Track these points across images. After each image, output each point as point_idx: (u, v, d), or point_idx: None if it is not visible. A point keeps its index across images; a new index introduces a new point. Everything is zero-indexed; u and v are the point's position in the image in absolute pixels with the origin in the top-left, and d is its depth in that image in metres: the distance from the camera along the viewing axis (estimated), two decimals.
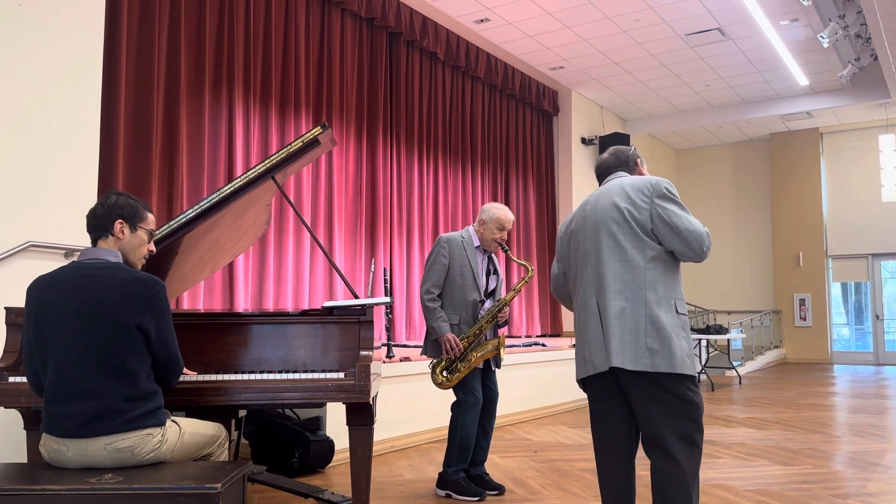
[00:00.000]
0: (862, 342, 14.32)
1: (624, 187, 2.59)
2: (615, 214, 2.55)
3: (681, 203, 2.54)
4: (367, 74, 7.97)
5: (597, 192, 2.70)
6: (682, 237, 2.47)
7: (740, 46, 9.64)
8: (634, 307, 2.46)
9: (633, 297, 2.47)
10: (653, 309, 2.45)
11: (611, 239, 2.54)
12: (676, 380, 2.43)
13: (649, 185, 2.55)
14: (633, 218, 2.52)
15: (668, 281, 2.50)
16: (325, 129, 3.19)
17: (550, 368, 7.38)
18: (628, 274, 2.49)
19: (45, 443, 2.32)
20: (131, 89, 5.56)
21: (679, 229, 2.47)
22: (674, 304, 2.49)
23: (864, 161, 13.85)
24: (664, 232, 2.49)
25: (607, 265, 2.53)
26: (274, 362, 2.95)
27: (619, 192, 2.59)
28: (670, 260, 2.53)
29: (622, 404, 2.55)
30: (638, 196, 2.54)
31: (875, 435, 5.79)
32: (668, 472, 2.43)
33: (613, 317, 2.48)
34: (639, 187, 2.56)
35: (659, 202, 2.51)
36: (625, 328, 2.45)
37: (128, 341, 2.30)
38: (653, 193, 2.53)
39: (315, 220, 7.18)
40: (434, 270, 3.93)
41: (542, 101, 10.94)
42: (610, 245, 2.54)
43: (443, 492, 3.92)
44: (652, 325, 2.43)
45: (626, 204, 2.54)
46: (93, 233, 2.46)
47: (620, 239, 2.53)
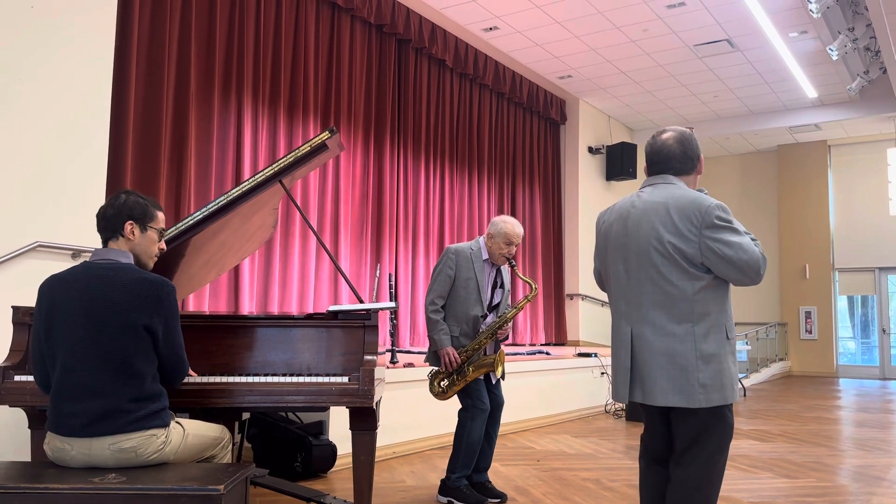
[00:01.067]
0: (868, 356, 14.24)
1: (670, 212, 2.40)
2: (659, 247, 2.40)
3: (733, 227, 2.38)
4: (375, 81, 8.01)
5: (640, 203, 2.49)
6: (737, 267, 2.34)
7: (749, 58, 9.65)
8: (682, 341, 2.37)
9: (681, 332, 2.37)
10: (701, 342, 2.36)
11: (654, 270, 2.41)
12: (725, 409, 2.44)
13: (698, 213, 2.36)
14: (679, 253, 2.37)
15: (718, 306, 2.40)
16: (333, 133, 3.20)
17: (554, 377, 7.36)
18: (674, 307, 2.38)
19: (50, 441, 2.33)
20: (141, 92, 5.59)
21: (733, 261, 2.33)
22: (724, 330, 2.41)
23: (872, 174, 13.81)
24: (716, 264, 2.35)
25: (649, 297, 2.42)
26: (278, 365, 2.95)
27: (664, 219, 2.40)
28: (720, 283, 2.42)
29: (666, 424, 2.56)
30: (685, 227, 2.37)
31: (880, 449, 5.76)
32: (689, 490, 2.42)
33: (660, 354, 2.39)
34: (686, 215, 2.37)
35: (709, 234, 2.35)
36: (674, 365, 2.37)
37: (135, 342, 2.31)
38: (702, 225, 2.35)
39: (321, 224, 7.20)
40: (439, 282, 3.93)
41: (550, 110, 10.95)
42: (654, 277, 2.41)
43: (444, 499, 3.91)
44: (702, 359, 2.36)
45: (671, 237, 2.38)
46: (103, 233, 2.47)
47: (664, 271, 2.39)
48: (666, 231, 2.39)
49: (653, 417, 2.59)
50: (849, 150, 14.08)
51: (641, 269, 2.44)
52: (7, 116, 4.27)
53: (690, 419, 2.42)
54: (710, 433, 2.42)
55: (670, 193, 2.45)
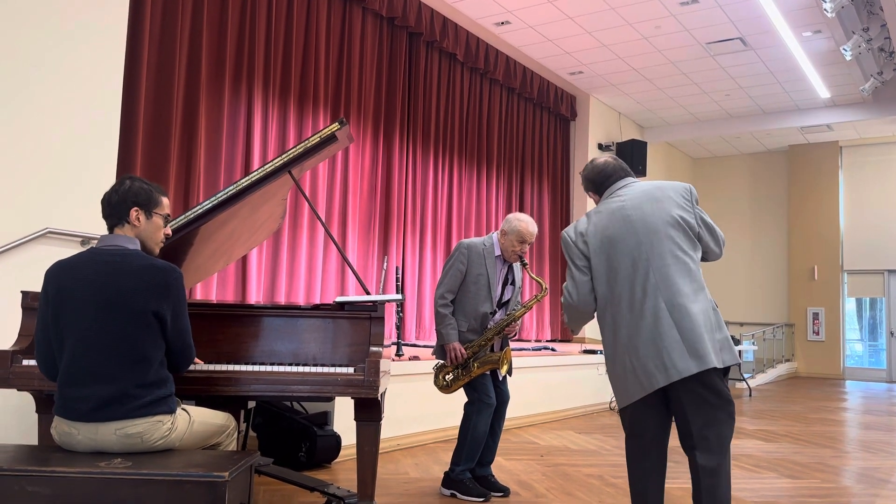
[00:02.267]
0: (875, 358, 14.18)
1: (667, 192, 2.66)
2: (671, 221, 2.61)
3: None
4: (385, 73, 8.00)
5: (630, 197, 2.67)
6: (716, 237, 2.67)
7: (761, 57, 9.59)
8: (706, 305, 2.55)
9: (702, 297, 2.56)
10: (712, 307, 2.58)
11: (672, 243, 2.58)
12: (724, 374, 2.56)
13: (687, 190, 2.69)
14: (686, 224, 2.62)
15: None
16: (342, 125, 3.21)
17: (559, 373, 7.37)
18: (692, 278, 2.57)
19: (57, 425, 2.35)
20: (152, 81, 5.61)
21: (714, 230, 2.68)
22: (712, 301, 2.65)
23: (884, 176, 13.72)
24: (706, 234, 2.65)
25: (674, 269, 2.56)
26: (284, 355, 2.96)
27: (665, 198, 2.64)
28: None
29: (663, 411, 2.63)
30: (684, 201, 2.65)
31: (886, 452, 5.74)
32: (717, 473, 2.51)
33: (699, 316, 2.51)
34: (680, 192, 2.67)
35: (698, 207, 2.69)
36: (709, 328, 2.52)
37: (143, 328, 2.32)
38: (692, 198, 2.68)
39: (329, 216, 7.21)
40: (450, 276, 3.92)
41: (560, 106, 10.92)
42: (673, 250, 2.58)
43: (448, 491, 3.92)
44: (717, 322, 2.56)
45: (678, 210, 2.63)
46: (108, 220, 2.48)
47: (680, 242, 2.59)
48: (673, 206, 2.63)
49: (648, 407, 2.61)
50: (860, 151, 13.99)
51: (661, 244, 2.58)
52: (18, 104, 4.29)
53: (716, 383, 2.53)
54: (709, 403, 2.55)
55: (649, 183, 2.73)
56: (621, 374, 2.61)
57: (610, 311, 2.64)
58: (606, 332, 2.69)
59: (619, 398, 2.67)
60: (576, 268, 2.71)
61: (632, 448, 2.72)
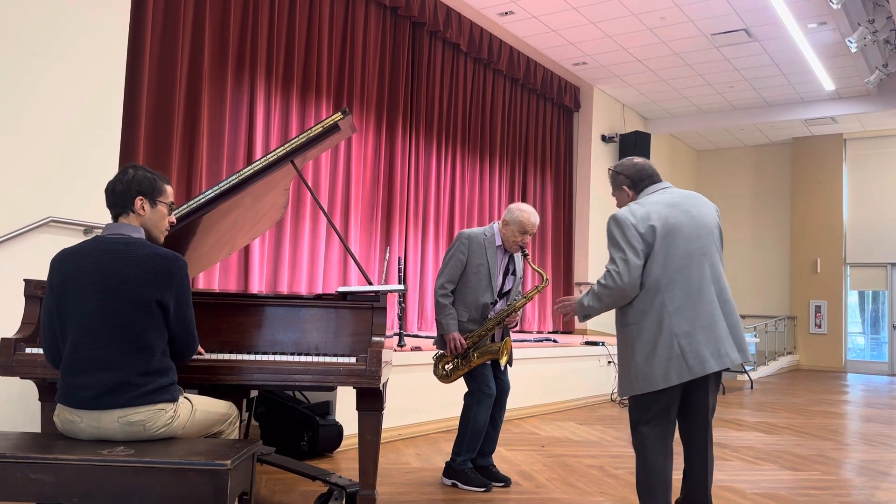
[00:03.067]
0: (877, 352, 14.17)
1: (708, 203, 2.94)
2: (714, 229, 2.87)
3: None
4: (388, 63, 7.98)
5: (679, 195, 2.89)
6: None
7: (766, 48, 9.55)
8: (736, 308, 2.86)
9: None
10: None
11: (717, 246, 2.86)
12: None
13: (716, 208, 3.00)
14: (721, 234, 2.93)
15: None
16: (345, 115, 3.20)
17: (561, 365, 7.38)
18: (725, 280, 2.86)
19: (60, 413, 2.35)
20: (154, 70, 5.60)
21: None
22: None
23: (888, 169, 13.68)
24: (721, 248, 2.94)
25: (721, 268, 2.84)
26: (287, 344, 2.96)
27: (708, 206, 2.92)
28: None
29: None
30: (717, 216, 2.94)
31: (886, 444, 5.74)
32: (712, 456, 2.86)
33: (738, 316, 2.81)
34: (713, 207, 2.96)
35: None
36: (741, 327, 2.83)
37: (146, 316, 2.32)
38: (718, 213, 2.97)
39: (332, 207, 7.21)
40: (450, 266, 3.92)
41: (564, 97, 10.89)
42: (719, 251, 2.87)
43: (449, 481, 3.94)
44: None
45: (717, 219, 2.92)
46: (113, 209, 2.48)
47: (720, 248, 2.89)
48: (714, 215, 2.91)
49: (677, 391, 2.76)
50: (865, 144, 13.93)
51: (713, 243, 2.83)
52: (22, 93, 4.28)
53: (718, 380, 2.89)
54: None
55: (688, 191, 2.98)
56: (664, 357, 2.66)
57: (661, 296, 2.70)
58: (650, 317, 2.71)
59: (651, 382, 2.68)
60: (632, 251, 2.72)
61: (654, 432, 2.74)
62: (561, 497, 3.79)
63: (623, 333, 2.81)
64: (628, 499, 3.78)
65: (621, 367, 2.84)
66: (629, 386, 2.76)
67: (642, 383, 2.70)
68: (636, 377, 2.72)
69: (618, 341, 2.88)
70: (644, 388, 2.70)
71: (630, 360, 2.75)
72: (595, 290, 2.81)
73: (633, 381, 2.74)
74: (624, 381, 2.80)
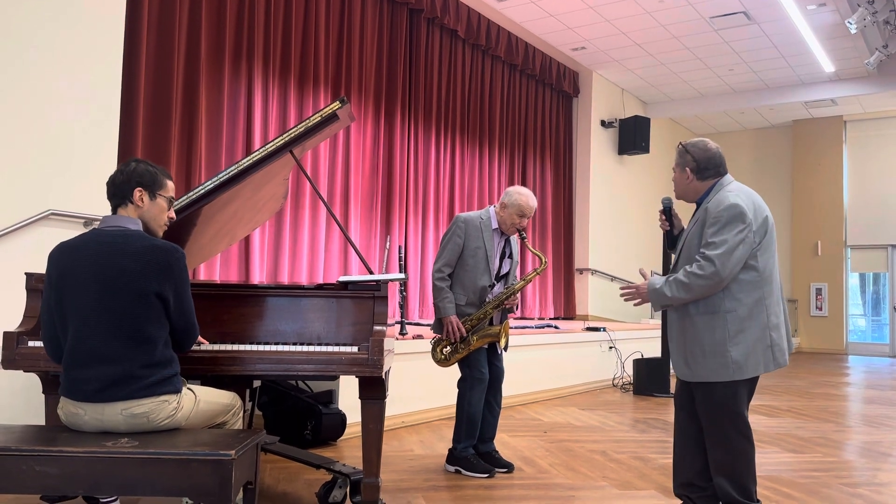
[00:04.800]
0: (878, 333, 14.19)
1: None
2: None
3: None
4: (386, 51, 7.94)
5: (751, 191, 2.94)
6: None
7: (765, 31, 9.50)
8: None
9: None
10: None
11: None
12: None
13: None
14: None
15: None
16: (343, 103, 3.19)
17: (562, 350, 7.39)
18: None
19: (63, 406, 2.36)
20: (152, 61, 5.58)
21: None
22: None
23: (888, 150, 13.64)
24: None
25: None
26: (289, 334, 2.97)
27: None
28: None
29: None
30: None
31: (888, 426, 5.76)
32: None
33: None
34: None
35: None
36: None
37: (146, 309, 2.32)
38: None
39: (331, 196, 7.20)
40: (448, 250, 3.92)
41: (563, 83, 10.85)
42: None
43: (452, 468, 3.96)
44: None
45: None
46: (112, 200, 2.48)
47: None
48: None
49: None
50: (865, 125, 13.88)
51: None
52: (20, 86, 4.27)
53: None
54: None
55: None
56: (761, 348, 2.80)
57: (762, 288, 2.82)
58: (752, 307, 2.79)
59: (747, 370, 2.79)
60: (744, 244, 2.76)
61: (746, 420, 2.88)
62: (563, 482, 3.81)
63: (712, 320, 2.80)
64: (631, 483, 3.80)
65: (701, 353, 2.82)
66: (721, 372, 2.79)
67: (739, 370, 2.78)
68: (729, 364, 2.78)
69: (697, 325, 2.84)
70: (740, 374, 2.78)
71: (722, 348, 2.78)
72: (683, 280, 2.77)
73: (728, 367, 2.78)
74: (710, 367, 2.81)
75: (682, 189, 3.01)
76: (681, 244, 2.98)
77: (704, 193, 2.93)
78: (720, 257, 2.71)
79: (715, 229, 2.76)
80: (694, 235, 2.89)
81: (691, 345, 2.85)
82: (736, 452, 2.83)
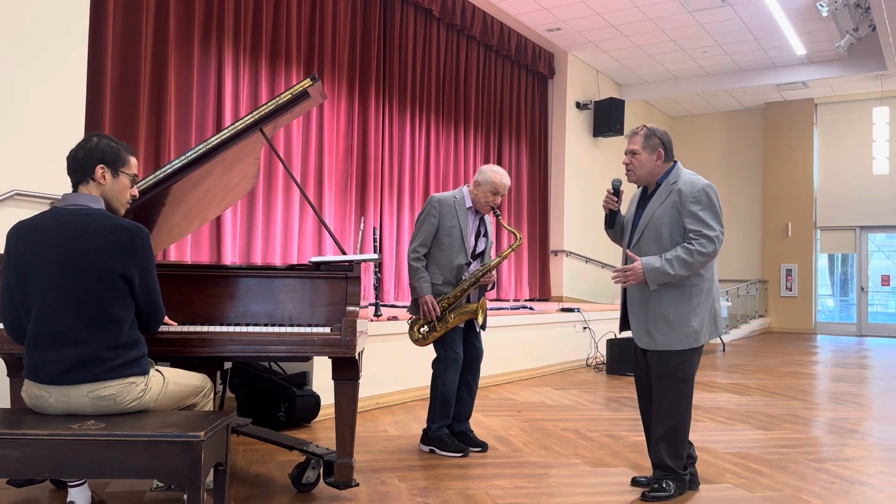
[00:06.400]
0: (846, 313, 14.48)
1: None
2: None
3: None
4: (360, 30, 7.85)
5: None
6: None
7: (739, 13, 9.54)
8: None
9: None
10: None
11: None
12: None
13: None
14: None
15: None
16: (314, 81, 3.14)
17: (537, 331, 7.43)
18: None
19: (28, 389, 2.31)
20: (118, 38, 5.45)
21: None
22: None
23: (857, 133, 13.83)
24: None
25: None
26: (260, 315, 2.94)
27: None
28: None
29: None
30: None
31: (854, 403, 5.89)
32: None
33: None
34: None
35: None
36: None
37: (111, 290, 2.27)
38: None
39: (305, 177, 7.13)
40: (423, 230, 3.92)
41: (538, 64, 10.81)
42: None
43: (426, 447, 3.97)
44: None
45: None
46: (73, 176, 2.40)
47: None
48: None
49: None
50: (835, 108, 14.06)
51: None
52: None
53: None
54: None
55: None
56: (709, 318, 3.10)
57: (713, 266, 3.14)
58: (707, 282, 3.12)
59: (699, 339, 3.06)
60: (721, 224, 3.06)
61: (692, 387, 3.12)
62: (537, 460, 3.83)
63: (679, 293, 3.07)
64: (602, 460, 3.84)
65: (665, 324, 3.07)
66: (683, 341, 3.05)
67: (696, 339, 3.06)
68: (690, 334, 3.05)
69: (662, 298, 3.07)
70: (696, 343, 3.06)
71: (686, 319, 3.06)
72: (685, 258, 3.00)
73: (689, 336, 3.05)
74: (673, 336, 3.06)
75: (647, 171, 3.19)
76: (644, 222, 3.16)
77: (663, 175, 3.18)
78: (718, 236, 3.02)
79: (701, 208, 3.04)
80: (664, 214, 3.09)
81: (655, 316, 3.08)
82: (679, 418, 3.08)
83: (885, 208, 13.62)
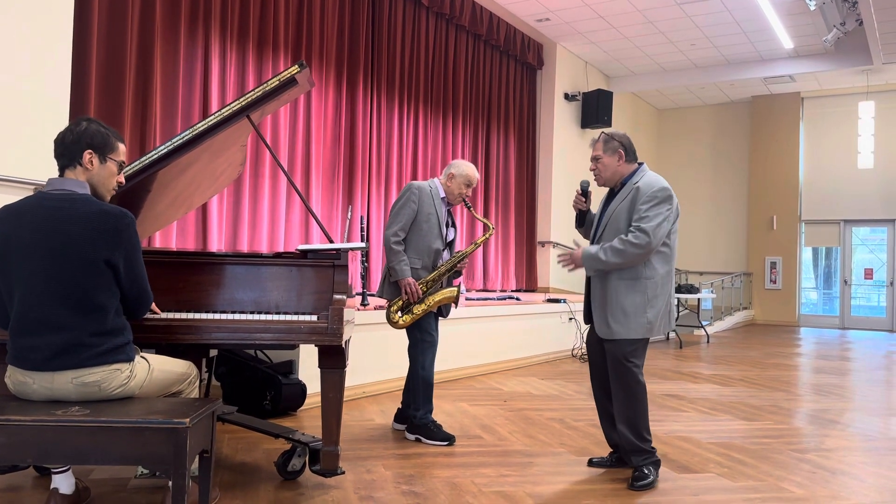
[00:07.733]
0: (829, 306, 14.62)
1: None
2: None
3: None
4: (348, 18, 7.79)
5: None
6: None
7: (727, 5, 9.56)
8: None
9: None
10: None
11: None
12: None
13: None
14: None
15: None
16: (302, 67, 3.11)
17: (523, 322, 7.45)
18: None
19: (11, 375, 2.29)
20: (104, 24, 5.38)
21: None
22: None
23: (843, 127, 13.92)
24: None
25: None
26: (247, 303, 2.93)
27: None
28: None
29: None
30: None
31: (836, 394, 5.95)
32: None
33: None
34: None
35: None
36: None
37: (95, 276, 2.25)
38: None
39: (292, 165, 7.09)
40: (402, 215, 4.00)
41: (527, 54, 10.79)
42: None
43: (413, 436, 3.98)
44: None
45: None
46: (60, 160, 2.38)
47: None
48: None
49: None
50: (821, 102, 14.15)
51: None
52: None
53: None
54: None
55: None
56: (664, 312, 3.25)
57: (669, 263, 3.28)
58: (664, 277, 3.25)
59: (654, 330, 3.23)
60: (668, 221, 3.20)
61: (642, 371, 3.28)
62: (522, 449, 3.85)
63: (634, 285, 3.22)
64: (587, 449, 3.87)
65: (622, 314, 3.22)
66: (639, 330, 3.21)
67: (650, 330, 3.22)
68: (645, 324, 3.21)
69: (619, 289, 3.24)
70: (651, 333, 3.23)
71: (641, 309, 3.21)
72: (618, 248, 3.16)
73: (644, 326, 3.21)
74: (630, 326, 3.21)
75: (611, 172, 3.37)
76: (606, 218, 3.34)
77: (629, 176, 3.34)
78: (654, 230, 3.14)
79: (649, 206, 3.19)
80: (623, 210, 3.27)
81: (613, 306, 3.24)
82: (636, 400, 3.25)
83: (869, 203, 13.75)
